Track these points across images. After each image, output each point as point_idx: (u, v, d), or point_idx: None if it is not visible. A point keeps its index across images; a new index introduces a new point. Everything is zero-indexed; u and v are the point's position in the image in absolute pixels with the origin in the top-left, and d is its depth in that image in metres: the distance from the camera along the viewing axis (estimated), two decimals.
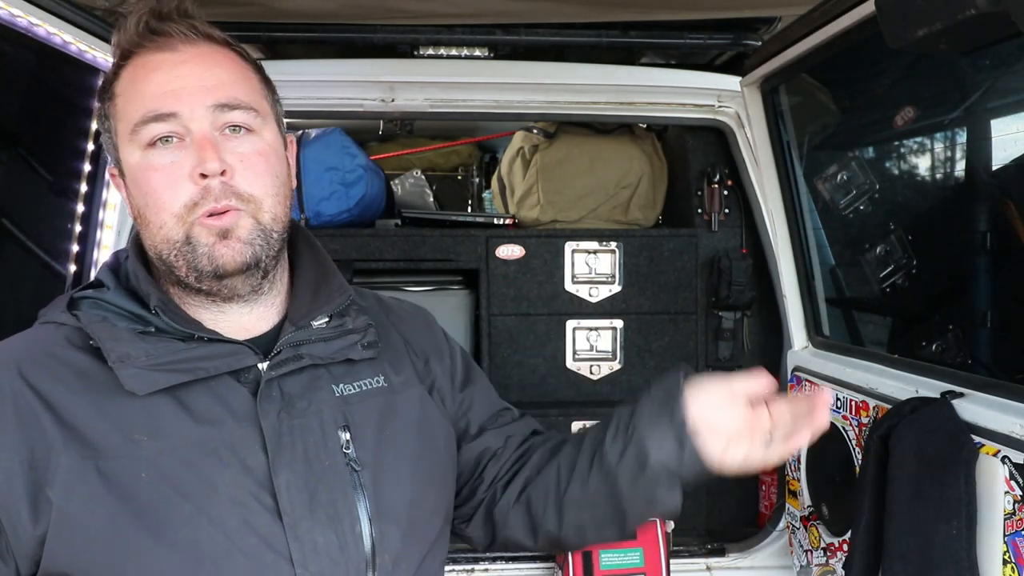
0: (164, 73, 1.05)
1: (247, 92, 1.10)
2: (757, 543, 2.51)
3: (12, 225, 1.76)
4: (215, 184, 1.04)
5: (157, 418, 1.03)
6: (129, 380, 1.02)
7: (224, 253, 1.05)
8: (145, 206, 1.06)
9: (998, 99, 2.00)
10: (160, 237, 1.06)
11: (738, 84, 2.40)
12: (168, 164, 1.04)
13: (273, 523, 1.03)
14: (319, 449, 1.08)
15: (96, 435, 1.01)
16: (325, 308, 1.17)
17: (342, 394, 1.14)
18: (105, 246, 2.04)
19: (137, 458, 1.00)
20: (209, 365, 1.06)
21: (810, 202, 2.43)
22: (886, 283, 2.22)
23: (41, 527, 0.98)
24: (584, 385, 2.71)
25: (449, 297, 2.70)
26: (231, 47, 1.12)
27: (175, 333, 1.07)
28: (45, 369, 1.04)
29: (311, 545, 1.04)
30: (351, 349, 1.17)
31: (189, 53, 1.07)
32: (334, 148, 2.72)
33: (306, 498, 1.05)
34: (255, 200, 1.07)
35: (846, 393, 2.00)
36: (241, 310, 1.13)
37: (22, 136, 1.79)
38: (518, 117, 2.54)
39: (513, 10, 2.12)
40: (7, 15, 1.54)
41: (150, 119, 1.04)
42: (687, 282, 2.70)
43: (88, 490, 0.98)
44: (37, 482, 0.98)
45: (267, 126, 1.11)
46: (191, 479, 1.01)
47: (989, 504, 1.44)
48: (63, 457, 0.99)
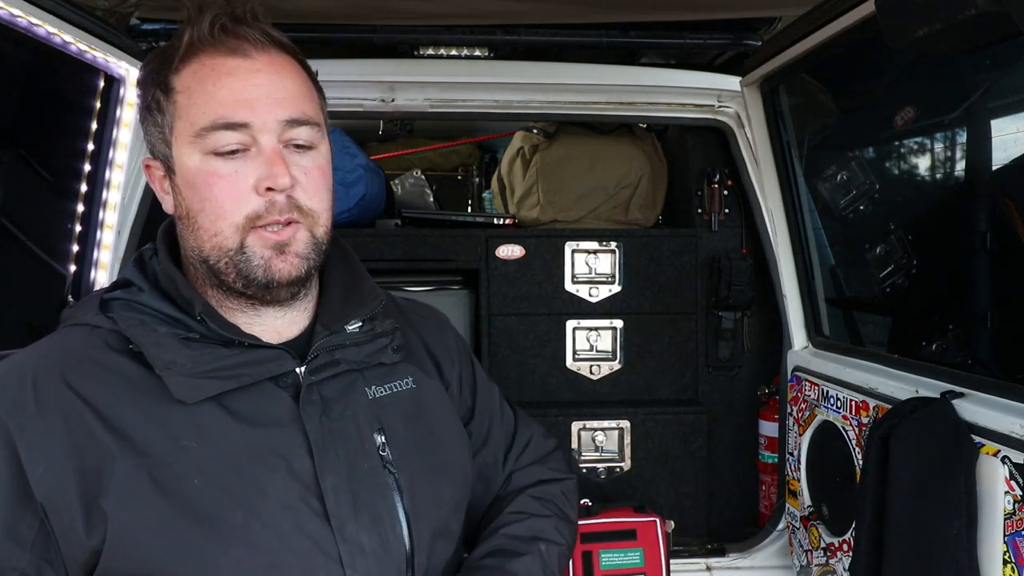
0: (238, 80, 1.04)
1: (312, 106, 1.11)
2: (757, 543, 2.52)
3: (12, 225, 1.76)
4: (280, 198, 1.05)
5: (204, 424, 1.03)
6: (177, 388, 1.02)
7: (281, 268, 1.06)
8: (200, 211, 1.05)
9: (998, 99, 2.00)
10: (212, 244, 1.06)
11: (738, 84, 2.40)
12: (232, 173, 1.04)
13: (323, 526, 1.05)
14: (358, 452, 1.10)
15: (147, 441, 1.01)
16: (358, 313, 1.18)
17: (375, 396, 1.16)
18: (105, 246, 2.04)
19: (188, 464, 1.01)
20: (252, 371, 1.07)
21: (810, 202, 2.43)
22: (886, 283, 2.22)
23: (96, 538, 0.98)
24: (584, 385, 2.71)
25: (449, 297, 2.70)
26: (295, 56, 1.12)
27: (217, 338, 1.07)
28: (89, 375, 1.03)
29: (358, 546, 1.06)
30: (382, 353, 1.19)
31: (262, 61, 1.06)
32: (334, 148, 2.70)
33: (350, 500, 1.07)
34: (314, 214, 1.09)
35: (846, 393, 2.00)
36: (276, 314, 1.13)
37: (22, 136, 1.79)
38: (518, 117, 2.54)
39: (513, 10, 2.12)
40: (7, 15, 1.54)
41: (221, 126, 1.03)
42: (687, 282, 2.70)
43: (143, 499, 0.98)
44: (91, 492, 0.98)
45: (324, 139, 1.14)
46: (242, 484, 1.02)
47: (989, 504, 1.44)
48: (118, 465, 0.98)
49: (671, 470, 2.67)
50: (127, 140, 2.03)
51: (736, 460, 2.74)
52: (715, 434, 2.72)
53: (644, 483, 2.67)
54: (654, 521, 2.39)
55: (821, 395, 2.15)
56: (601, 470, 2.66)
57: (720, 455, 2.73)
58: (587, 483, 2.64)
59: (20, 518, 0.98)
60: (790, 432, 2.34)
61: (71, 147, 1.95)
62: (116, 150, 2.02)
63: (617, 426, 2.65)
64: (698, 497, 2.68)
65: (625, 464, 2.66)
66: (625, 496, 2.63)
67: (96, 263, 2.02)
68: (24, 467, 0.97)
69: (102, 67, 1.91)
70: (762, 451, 2.65)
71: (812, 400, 2.20)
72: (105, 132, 1.99)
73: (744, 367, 2.73)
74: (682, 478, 2.67)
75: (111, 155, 2.01)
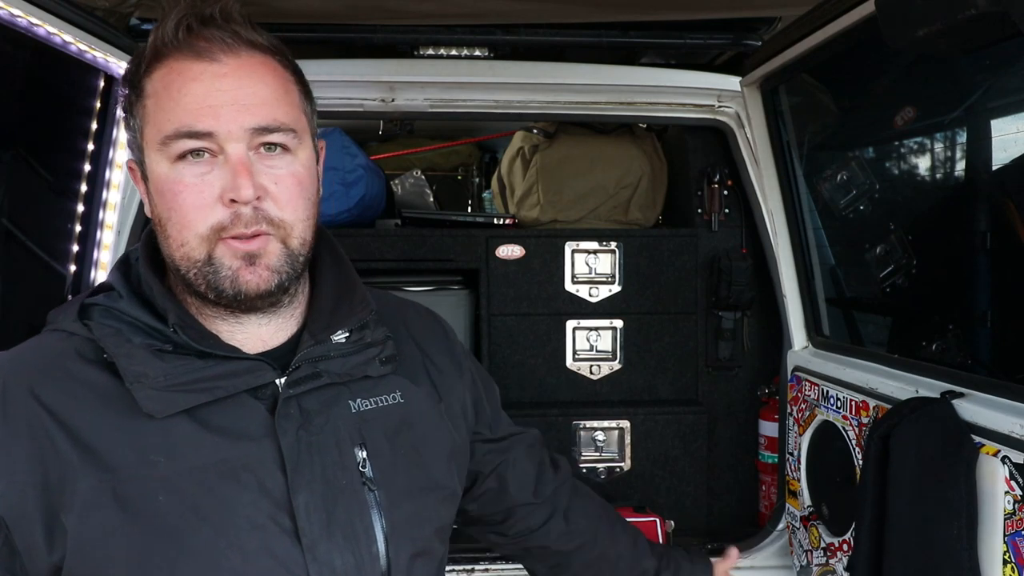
0: (203, 85, 0.99)
1: (287, 111, 1.04)
2: (757, 543, 2.51)
3: (12, 225, 1.76)
4: (246, 210, 0.99)
5: (173, 438, 1.00)
6: (146, 402, 0.99)
7: (249, 280, 1.01)
8: (168, 220, 1.01)
9: (998, 99, 2.00)
10: (180, 254, 1.01)
11: (738, 84, 2.40)
12: (198, 181, 0.99)
13: (292, 546, 1.01)
14: (336, 467, 1.06)
15: (112, 455, 0.98)
16: (346, 322, 1.13)
17: (359, 410, 1.11)
18: (105, 246, 2.04)
19: (154, 480, 0.98)
20: (228, 384, 1.03)
21: (810, 202, 2.43)
22: (886, 283, 2.21)
23: (57, 553, 0.96)
24: (584, 385, 2.71)
25: (449, 297, 2.70)
26: (274, 55, 1.06)
27: (192, 350, 1.03)
28: (58, 386, 1.00)
29: (329, 567, 1.02)
30: (369, 365, 1.14)
31: (230, 65, 1.00)
32: (334, 148, 2.72)
33: (324, 518, 1.03)
34: (286, 225, 1.02)
35: (846, 393, 2.00)
36: (259, 322, 1.09)
37: (22, 136, 1.79)
38: (518, 117, 2.54)
39: (513, 10, 2.12)
40: (7, 15, 1.54)
41: (184, 134, 0.98)
42: (687, 282, 2.71)
43: (105, 515, 0.96)
44: (52, 506, 0.96)
45: (303, 145, 1.06)
46: (209, 502, 0.99)
47: (989, 504, 1.44)
48: (80, 480, 0.96)
49: (671, 470, 2.67)
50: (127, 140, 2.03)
51: (736, 460, 2.74)
52: (715, 434, 2.72)
53: (644, 483, 2.67)
54: (654, 521, 2.39)
55: (821, 395, 2.15)
56: (601, 470, 2.66)
57: (720, 455, 2.73)
58: (587, 483, 2.64)
59: None
60: (790, 432, 2.34)
61: (71, 147, 1.95)
62: (116, 150, 2.02)
63: (617, 426, 2.65)
64: (698, 497, 2.68)
65: (625, 464, 2.66)
66: (625, 496, 2.63)
67: (96, 263, 2.02)
68: None
69: (102, 67, 1.91)
70: (762, 451, 2.66)
71: (812, 400, 2.20)
72: (105, 132, 1.99)
73: (744, 367, 2.73)
74: (682, 478, 2.67)
75: (111, 155, 2.01)
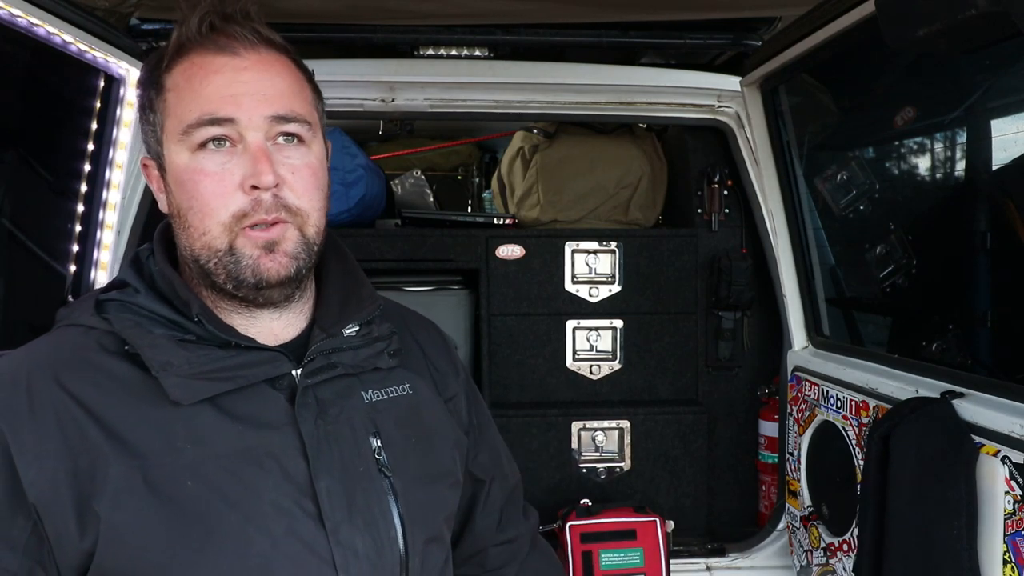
0: (225, 77, 1.04)
1: (303, 104, 1.10)
2: (757, 543, 2.52)
3: (12, 225, 1.76)
4: (266, 196, 1.04)
5: (198, 426, 1.03)
6: (174, 389, 1.02)
7: (269, 267, 1.05)
8: (189, 210, 1.05)
9: (998, 99, 2.00)
10: (201, 243, 1.05)
11: (738, 84, 2.40)
12: (219, 170, 1.03)
13: (316, 529, 1.04)
14: (353, 455, 1.10)
15: (140, 443, 1.00)
16: (356, 316, 1.17)
17: (371, 400, 1.15)
18: (105, 246, 2.04)
19: (182, 466, 1.01)
20: (248, 373, 1.06)
21: (810, 202, 2.43)
22: (886, 283, 2.22)
23: (88, 540, 0.97)
24: (584, 385, 2.71)
25: (449, 297, 2.70)
26: (288, 54, 1.11)
27: (213, 340, 1.07)
28: (83, 376, 1.02)
29: (352, 550, 1.05)
30: (378, 357, 1.18)
31: (251, 59, 1.06)
32: (334, 148, 2.68)
33: (345, 503, 1.07)
34: (303, 213, 1.07)
35: (846, 393, 2.00)
36: (272, 315, 1.13)
37: (22, 136, 1.79)
38: (518, 117, 2.54)
39: (513, 10, 2.12)
40: (7, 15, 1.54)
41: (206, 122, 1.03)
42: (687, 282, 2.70)
43: (136, 500, 0.98)
44: (83, 494, 0.97)
45: (316, 139, 1.12)
46: (235, 487, 1.02)
47: (989, 504, 1.44)
48: (111, 466, 0.98)
49: (671, 470, 2.67)
50: (127, 140, 2.03)
51: (736, 460, 2.74)
52: (715, 434, 2.72)
53: (644, 483, 2.67)
54: (654, 521, 2.39)
55: (821, 395, 2.15)
56: (601, 470, 2.66)
57: (720, 455, 2.73)
58: (587, 483, 2.64)
59: (12, 520, 0.98)
60: (790, 432, 2.34)
61: (71, 147, 1.95)
62: (116, 150, 2.02)
63: (617, 426, 2.65)
64: (698, 497, 2.68)
65: (625, 464, 2.66)
66: (625, 496, 2.63)
67: (96, 263, 2.02)
68: (17, 469, 0.97)
69: (102, 67, 1.91)
70: (762, 451, 2.66)
71: (812, 400, 2.20)
72: (105, 132, 1.99)
73: (744, 367, 2.73)
74: (682, 478, 2.67)
75: (111, 155, 2.01)
